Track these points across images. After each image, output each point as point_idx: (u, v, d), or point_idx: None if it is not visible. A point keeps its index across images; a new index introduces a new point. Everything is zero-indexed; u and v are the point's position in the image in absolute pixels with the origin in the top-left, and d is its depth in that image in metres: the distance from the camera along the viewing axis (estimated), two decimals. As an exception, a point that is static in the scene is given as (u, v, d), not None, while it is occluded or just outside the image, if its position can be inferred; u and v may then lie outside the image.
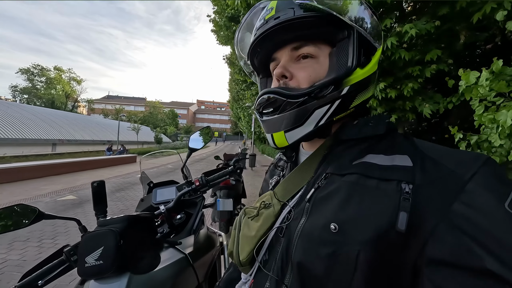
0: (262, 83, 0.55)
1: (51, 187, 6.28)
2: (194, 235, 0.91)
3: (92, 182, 0.77)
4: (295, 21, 0.40)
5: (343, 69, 0.40)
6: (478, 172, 0.30)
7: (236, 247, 0.47)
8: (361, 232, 0.32)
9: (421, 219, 0.30)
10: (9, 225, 0.68)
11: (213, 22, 10.23)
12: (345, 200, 0.35)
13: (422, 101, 3.79)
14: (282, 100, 0.40)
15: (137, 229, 0.69)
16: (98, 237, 0.61)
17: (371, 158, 0.37)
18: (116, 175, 8.49)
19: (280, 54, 0.45)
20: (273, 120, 0.42)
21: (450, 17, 3.21)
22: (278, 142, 0.43)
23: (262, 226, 0.44)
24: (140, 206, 1.09)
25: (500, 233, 0.26)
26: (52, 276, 0.67)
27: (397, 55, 3.42)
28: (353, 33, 0.41)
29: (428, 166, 0.33)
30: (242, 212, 0.51)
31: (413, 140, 0.39)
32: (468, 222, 0.27)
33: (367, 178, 0.35)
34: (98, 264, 0.58)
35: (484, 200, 0.28)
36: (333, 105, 0.40)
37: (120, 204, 4.82)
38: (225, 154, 3.91)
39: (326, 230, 0.34)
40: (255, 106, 0.46)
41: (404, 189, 0.31)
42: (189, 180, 0.93)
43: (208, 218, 3.68)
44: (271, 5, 0.43)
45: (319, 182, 0.40)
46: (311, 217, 0.38)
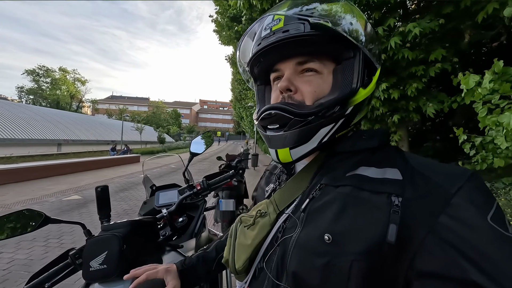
0: (260, 91, 0.55)
1: (57, 187, 6.38)
2: (196, 238, 0.93)
3: (96, 187, 0.78)
4: (304, 37, 0.40)
5: (348, 88, 0.41)
6: (464, 187, 0.31)
7: (232, 255, 0.48)
8: (354, 243, 0.33)
9: (410, 231, 0.31)
10: (17, 229, 0.70)
11: (215, 22, 10.24)
12: (339, 211, 0.36)
13: (426, 100, 3.75)
14: (289, 118, 0.40)
15: (139, 233, 0.71)
16: (102, 242, 0.63)
17: (364, 170, 0.39)
18: (119, 175, 8.58)
19: (284, 66, 0.45)
20: (278, 136, 0.42)
21: (455, 16, 3.17)
22: (282, 158, 0.43)
23: (258, 235, 0.45)
24: (143, 208, 1.11)
25: (483, 245, 0.27)
26: (58, 278, 0.69)
27: (400, 54, 3.39)
28: (359, 54, 0.41)
29: (417, 180, 0.34)
30: (238, 220, 0.51)
31: (403, 154, 0.41)
32: (454, 234, 0.29)
33: (359, 190, 0.36)
34: (102, 269, 0.60)
35: (468, 214, 0.29)
36: (337, 124, 0.41)
37: (124, 204, 4.88)
38: (227, 154, 3.92)
39: (320, 241, 0.35)
40: (257, 119, 0.46)
41: (394, 202, 0.33)
42: (191, 184, 0.95)
43: (210, 219, 3.71)
44: (278, 16, 0.43)
45: (314, 193, 0.41)
46: (306, 227, 0.39)
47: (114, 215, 4.14)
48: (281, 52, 0.43)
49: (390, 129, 5.03)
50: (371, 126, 5.20)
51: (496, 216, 0.29)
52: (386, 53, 3.56)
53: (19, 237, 3.08)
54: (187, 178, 1.04)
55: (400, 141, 5.10)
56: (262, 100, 0.54)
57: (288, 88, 0.42)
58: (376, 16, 3.66)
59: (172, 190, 1.12)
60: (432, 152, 6.58)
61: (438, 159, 6.20)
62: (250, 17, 6.98)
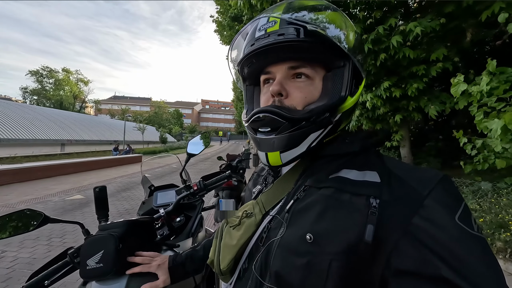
0: (249, 91, 0.55)
1: (60, 186, 6.46)
2: (193, 237, 0.94)
3: (94, 188, 0.80)
4: (299, 43, 0.41)
5: (337, 96, 0.42)
6: (434, 189, 0.33)
7: (217, 255, 0.48)
8: (333, 243, 0.34)
9: (386, 231, 0.32)
10: (17, 229, 0.72)
11: (216, 22, 10.27)
12: (321, 212, 0.37)
13: (427, 101, 3.73)
14: (281, 122, 0.41)
15: (136, 233, 0.72)
16: (98, 241, 0.64)
17: (346, 173, 0.40)
18: (122, 175, 8.65)
19: (276, 69, 0.45)
20: (269, 139, 0.43)
21: (456, 15, 3.15)
22: (272, 161, 0.44)
23: (243, 235, 0.45)
24: (142, 208, 1.12)
25: (452, 244, 0.29)
26: (57, 276, 0.70)
27: (401, 54, 3.37)
28: (349, 63, 0.43)
29: (393, 183, 0.36)
30: (224, 221, 0.52)
31: (382, 158, 0.42)
32: (426, 234, 0.30)
33: (341, 192, 0.38)
34: (98, 267, 0.61)
35: (438, 214, 0.31)
36: (326, 130, 0.42)
37: (125, 204, 4.93)
38: (228, 154, 3.94)
39: (302, 241, 0.36)
40: (248, 121, 0.46)
41: (371, 204, 0.34)
42: (188, 184, 0.96)
43: (210, 219, 3.72)
44: (274, 18, 0.43)
45: (298, 194, 0.42)
46: (290, 227, 0.40)
47: (116, 215, 4.19)
48: (274, 55, 0.44)
49: (392, 129, 5.00)
50: (372, 125, 5.17)
51: (463, 216, 0.31)
52: (387, 53, 3.55)
53: (23, 236, 3.12)
54: (184, 179, 1.05)
55: (401, 141, 5.07)
56: (250, 101, 0.54)
57: (280, 92, 0.43)
58: (377, 15, 3.65)
59: (170, 190, 1.13)
60: (435, 151, 6.54)
61: (441, 158, 6.16)
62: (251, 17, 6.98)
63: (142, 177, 1.27)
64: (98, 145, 22.45)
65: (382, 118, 4.91)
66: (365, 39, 3.61)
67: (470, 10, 2.94)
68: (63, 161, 9.11)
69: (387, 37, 3.43)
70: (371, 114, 4.91)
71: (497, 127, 1.39)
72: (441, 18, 2.95)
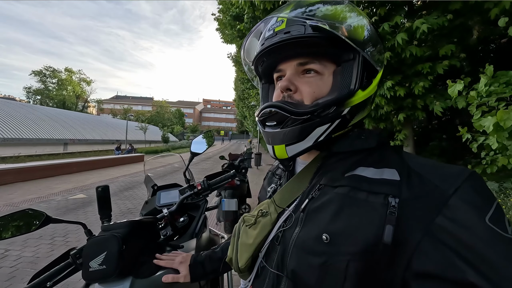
0: (264, 89, 0.56)
1: (63, 186, 6.49)
2: (196, 238, 0.92)
3: (97, 187, 0.78)
4: (305, 39, 0.41)
5: (346, 90, 0.41)
6: (461, 187, 0.31)
7: (235, 254, 0.49)
8: (350, 243, 0.33)
9: (406, 232, 0.31)
10: (19, 229, 0.70)
11: (217, 20, 10.26)
12: (337, 212, 0.37)
13: (433, 98, 3.68)
14: (286, 116, 0.41)
15: (139, 233, 0.70)
16: (101, 242, 0.63)
17: (362, 170, 0.39)
18: (124, 174, 8.69)
19: (286, 66, 0.45)
20: (275, 133, 0.43)
21: (463, 11, 3.09)
22: (278, 154, 0.44)
23: (260, 234, 0.46)
24: (145, 208, 1.11)
25: (480, 246, 0.27)
26: (59, 278, 0.69)
27: (408, 52, 3.32)
28: (358, 56, 0.42)
29: (414, 180, 0.35)
30: (241, 219, 0.53)
31: (402, 154, 0.41)
32: (451, 236, 0.29)
33: (357, 191, 0.37)
34: (101, 269, 0.59)
35: (466, 215, 0.29)
36: (333, 124, 0.42)
37: (128, 203, 4.94)
38: (230, 154, 3.93)
39: (318, 241, 0.36)
40: (257, 115, 0.47)
41: (390, 203, 0.33)
42: (192, 184, 0.94)
43: (213, 218, 3.71)
44: (281, 18, 0.44)
45: (313, 193, 0.42)
46: (305, 227, 0.40)
47: (118, 214, 4.20)
48: (283, 52, 0.44)
49: (395, 128, 4.95)
50: (375, 125, 5.13)
51: (495, 217, 0.29)
52: (393, 51, 3.50)
53: (26, 235, 3.14)
54: (187, 178, 1.04)
55: (405, 140, 5.02)
56: (265, 98, 0.55)
57: (288, 87, 0.43)
58: (382, 12, 3.60)
59: (173, 189, 1.11)
60: (439, 151, 6.47)
61: (445, 158, 6.10)
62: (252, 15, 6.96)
63: (145, 176, 1.26)
64: (100, 145, 22.57)
65: (386, 117, 4.86)
66: None
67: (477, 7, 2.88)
68: (66, 161, 9.16)
69: (391, 35, 3.38)
70: (373, 114, 4.86)
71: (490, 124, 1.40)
72: (448, 15, 2.89)
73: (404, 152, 0.42)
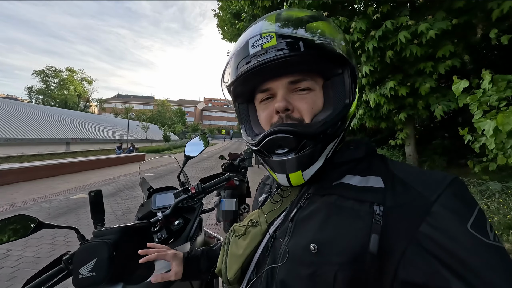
0: (243, 110, 0.52)
1: (65, 185, 6.53)
2: (191, 241, 0.91)
3: (89, 192, 0.78)
4: (300, 57, 0.39)
5: (342, 103, 0.42)
6: (443, 194, 0.31)
7: (224, 265, 0.48)
8: (337, 253, 0.33)
9: (392, 241, 0.31)
10: (9, 236, 0.70)
11: (218, 17, 10.22)
12: (324, 220, 0.37)
13: (436, 99, 3.64)
14: (300, 140, 0.39)
15: (131, 239, 0.70)
16: (91, 249, 0.62)
17: (349, 179, 0.39)
18: (125, 174, 8.72)
19: (276, 85, 0.43)
20: (289, 160, 0.40)
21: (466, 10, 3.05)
22: (295, 181, 0.42)
23: (250, 245, 0.45)
24: (140, 211, 1.10)
25: (464, 254, 0.27)
26: (52, 283, 0.69)
27: (408, 51, 3.28)
28: (348, 69, 0.43)
29: (398, 188, 0.35)
30: (231, 229, 0.52)
31: (387, 162, 0.41)
32: (435, 244, 0.29)
33: (343, 199, 0.37)
34: (91, 276, 0.59)
35: (448, 222, 0.29)
36: (338, 138, 0.42)
37: (128, 202, 4.95)
38: (230, 153, 3.92)
39: (306, 251, 0.36)
40: (258, 144, 0.43)
41: (375, 211, 0.33)
42: (186, 187, 0.93)
43: (212, 218, 3.71)
44: (268, 32, 0.40)
45: (301, 202, 0.42)
46: (294, 237, 0.39)
47: (119, 214, 4.22)
48: (273, 70, 0.41)
49: (396, 127, 4.91)
50: (376, 124, 5.09)
51: (477, 223, 0.29)
52: (394, 49, 3.46)
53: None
54: (182, 181, 1.03)
55: (406, 139, 4.98)
56: (247, 120, 0.51)
57: (287, 108, 0.42)
58: (385, 9, 3.56)
59: (169, 192, 1.10)
60: (441, 149, 6.42)
61: (447, 156, 6.05)
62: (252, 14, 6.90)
63: (140, 179, 1.25)
64: (102, 144, 22.66)
65: (387, 116, 4.82)
66: (372, 36, 3.52)
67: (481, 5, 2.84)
68: (68, 160, 9.22)
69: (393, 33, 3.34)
70: (374, 113, 4.82)
71: (489, 128, 1.40)
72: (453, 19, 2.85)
73: (390, 160, 0.42)
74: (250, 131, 0.50)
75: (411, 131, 4.98)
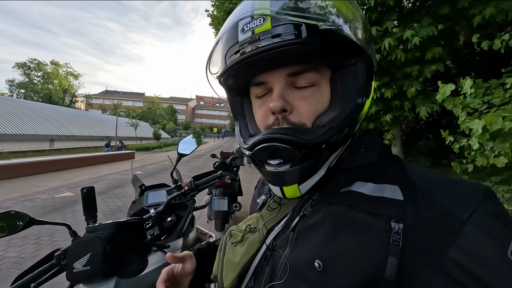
0: (237, 104, 0.46)
1: (50, 183, 6.29)
2: (183, 238, 0.93)
3: (82, 188, 0.78)
4: (302, 45, 0.31)
5: (353, 102, 0.34)
6: (477, 211, 0.26)
7: (220, 272, 0.45)
8: (346, 274, 0.29)
9: (413, 266, 0.26)
10: (1, 231, 0.70)
11: (211, 16, 10.12)
12: (330, 234, 0.32)
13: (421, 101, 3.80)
14: (297, 151, 0.32)
15: (125, 234, 0.71)
16: (86, 244, 0.63)
17: (359, 186, 0.34)
18: (114, 172, 8.51)
19: (272, 78, 0.35)
20: (283, 173, 0.35)
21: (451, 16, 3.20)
22: (290, 195, 0.37)
23: (247, 252, 0.41)
24: (132, 208, 1.11)
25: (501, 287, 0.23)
26: (43, 279, 0.69)
27: (393, 56, 3.41)
28: (363, 59, 0.34)
29: (420, 201, 0.29)
30: (227, 233, 0.48)
31: (404, 167, 0.35)
32: (467, 274, 0.24)
33: (354, 211, 0.32)
34: (85, 270, 0.60)
35: (483, 247, 0.25)
36: (345, 145, 0.36)
37: (117, 201, 4.85)
38: (222, 152, 3.92)
39: (310, 267, 0.32)
40: (250, 149, 0.37)
41: (394, 229, 0.28)
42: (179, 184, 0.95)
43: (204, 216, 3.72)
44: (261, 11, 0.32)
45: (304, 210, 0.38)
46: (296, 248, 0.35)
47: (107, 212, 4.13)
48: (268, 61, 0.33)
49: (384, 128, 5.09)
50: (365, 124, 5.25)
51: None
52: (380, 53, 3.59)
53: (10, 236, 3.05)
54: (175, 178, 1.04)
55: (393, 140, 5.17)
56: (241, 116, 0.45)
57: (284, 108, 0.34)
58: (373, 17, 3.66)
59: (161, 190, 1.12)
60: (426, 150, 6.70)
61: (431, 157, 6.32)
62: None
63: (132, 176, 1.26)
64: (89, 141, 21.95)
65: (376, 117, 4.99)
66: None
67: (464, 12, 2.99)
68: (53, 157, 8.88)
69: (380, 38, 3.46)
70: (363, 114, 4.97)
71: (478, 127, 1.48)
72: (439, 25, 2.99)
73: (407, 163, 0.35)
74: (245, 129, 0.44)
75: (397, 132, 5.17)
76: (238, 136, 0.44)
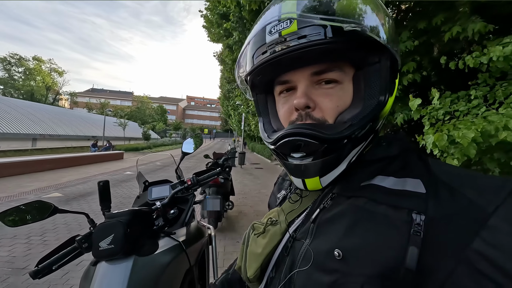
0: (261, 101, 0.48)
1: (36, 184, 6.12)
2: (186, 226, 1.07)
3: (98, 182, 0.90)
4: (326, 46, 0.33)
5: (375, 100, 0.35)
6: (504, 204, 0.26)
7: (244, 263, 0.47)
8: (365, 264, 0.30)
9: (435, 258, 0.27)
10: (28, 219, 0.81)
11: (204, 18, 10.18)
12: (351, 226, 0.33)
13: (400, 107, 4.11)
14: (320, 145, 0.34)
15: (139, 220, 0.84)
16: (109, 227, 0.76)
17: (381, 180, 0.35)
18: (102, 172, 8.36)
19: (296, 77, 0.38)
20: (306, 165, 0.37)
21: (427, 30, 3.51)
22: (311, 187, 0.39)
23: (269, 244, 0.43)
24: (137, 202, 1.22)
25: None
26: (64, 261, 0.80)
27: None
28: (387, 57, 0.36)
29: (443, 194, 0.30)
30: (250, 227, 0.50)
31: (427, 161, 0.35)
32: (492, 265, 0.24)
33: (375, 204, 0.33)
34: (110, 248, 0.73)
35: (510, 239, 0.24)
36: (367, 141, 0.37)
37: (108, 201, 4.82)
38: (215, 152, 4.03)
39: (329, 256, 0.33)
40: (274, 144, 0.39)
41: (415, 220, 0.28)
42: (182, 179, 1.08)
43: (197, 215, 3.81)
44: (287, 15, 0.34)
45: (324, 203, 0.39)
46: (316, 239, 0.37)
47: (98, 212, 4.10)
48: (294, 61, 0.36)
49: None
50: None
51: None
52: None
53: (-1, 235, 3.01)
54: (178, 175, 1.17)
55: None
56: (265, 113, 0.48)
57: (308, 105, 0.36)
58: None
59: (163, 185, 1.24)
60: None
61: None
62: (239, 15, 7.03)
63: (137, 173, 1.37)
64: (74, 141, 21.22)
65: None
66: None
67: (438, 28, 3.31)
68: (38, 157, 8.58)
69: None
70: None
71: (430, 142, 1.73)
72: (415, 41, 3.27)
73: (431, 159, 0.36)
74: (268, 125, 0.45)
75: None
76: (262, 131, 0.46)
